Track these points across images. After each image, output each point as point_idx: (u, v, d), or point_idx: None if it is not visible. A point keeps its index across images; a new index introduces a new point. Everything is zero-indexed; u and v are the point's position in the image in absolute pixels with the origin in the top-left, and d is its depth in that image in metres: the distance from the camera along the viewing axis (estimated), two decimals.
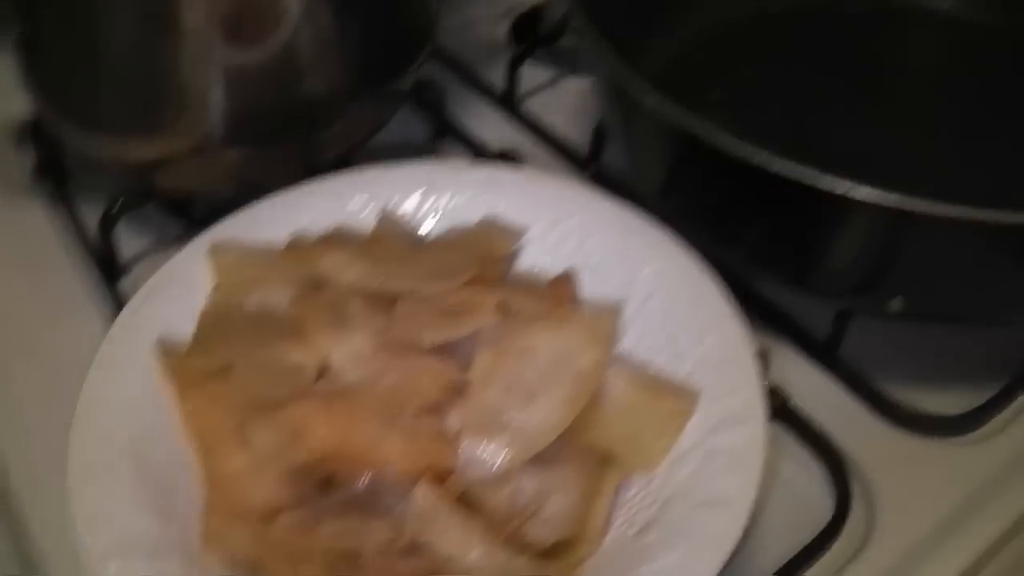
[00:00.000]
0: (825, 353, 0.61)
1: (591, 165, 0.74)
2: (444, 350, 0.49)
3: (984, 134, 0.72)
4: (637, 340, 0.53)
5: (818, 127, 0.70)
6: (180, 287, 0.53)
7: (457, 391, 0.48)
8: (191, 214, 0.68)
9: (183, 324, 0.52)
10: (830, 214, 0.52)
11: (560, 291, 0.53)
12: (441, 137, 0.78)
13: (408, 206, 0.58)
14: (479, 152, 0.75)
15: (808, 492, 0.54)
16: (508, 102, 0.80)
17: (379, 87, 0.69)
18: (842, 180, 0.48)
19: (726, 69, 0.77)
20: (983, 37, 0.80)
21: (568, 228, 0.57)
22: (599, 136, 0.72)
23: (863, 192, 0.48)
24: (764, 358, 0.52)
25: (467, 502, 0.45)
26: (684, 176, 0.58)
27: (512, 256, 0.57)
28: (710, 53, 0.79)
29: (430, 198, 0.58)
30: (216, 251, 0.53)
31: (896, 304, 0.55)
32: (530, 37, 0.85)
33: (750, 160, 0.50)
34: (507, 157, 0.72)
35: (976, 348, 0.61)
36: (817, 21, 0.82)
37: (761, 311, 0.62)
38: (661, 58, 0.75)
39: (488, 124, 0.79)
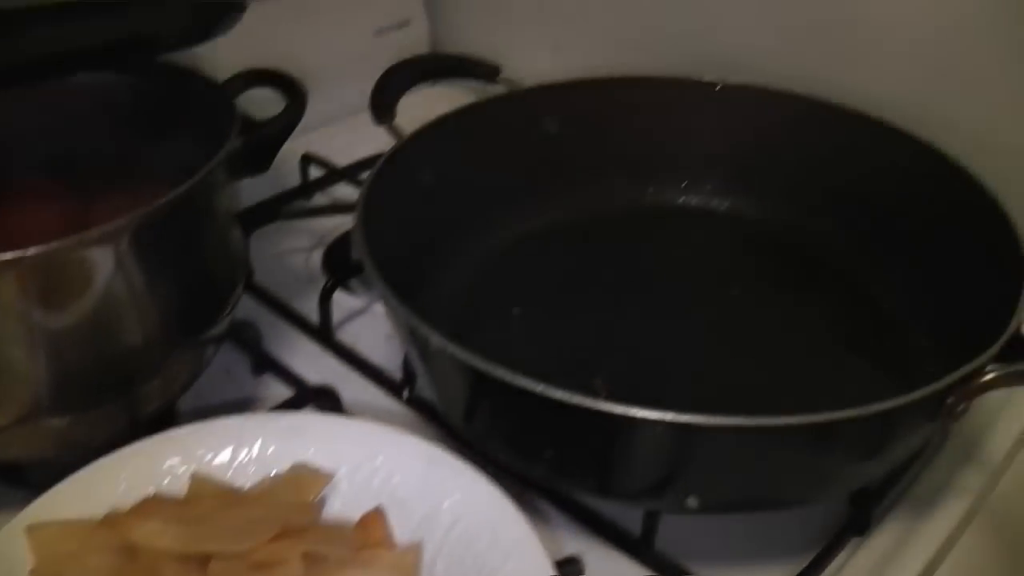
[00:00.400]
0: (641, 548, 0.65)
1: (405, 391, 0.77)
2: None
3: (760, 335, 0.80)
4: (445, 569, 0.57)
5: (611, 333, 0.78)
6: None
7: None
8: (27, 479, 0.68)
9: None
10: (611, 432, 0.57)
11: (368, 531, 0.57)
12: (260, 373, 0.80)
13: (222, 459, 0.61)
14: (298, 385, 0.78)
15: None
16: (323, 333, 0.84)
17: (195, 335, 0.71)
18: (616, 404, 0.53)
19: (526, 281, 0.84)
20: (761, 232, 0.90)
21: (375, 467, 0.61)
22: (409, 363, 0.76)
23: (638, 412, 0.53)
24: (578, 562, 0.58)
25: None
26: (479, 404, 0.63)
27: (321, 501, 0.59)
28: (509, 267, 0.85)
29: (242, 450, 0.61)
30: (33, 530, 0.55)
31: (692, 502, 0.59)
32: (341, 266, 0.88)
33: (532, 390, 0.55)
34: (324, 392, 0.76)
35: (788, 523, 0.67)
36: (609, 227, 0.90)
37: (578, 514, 0.67)
38: (462, 279, 0.82)
39: (306, 356, 0.83)
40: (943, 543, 0.67)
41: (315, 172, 1.03)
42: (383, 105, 0.82)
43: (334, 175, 1.01)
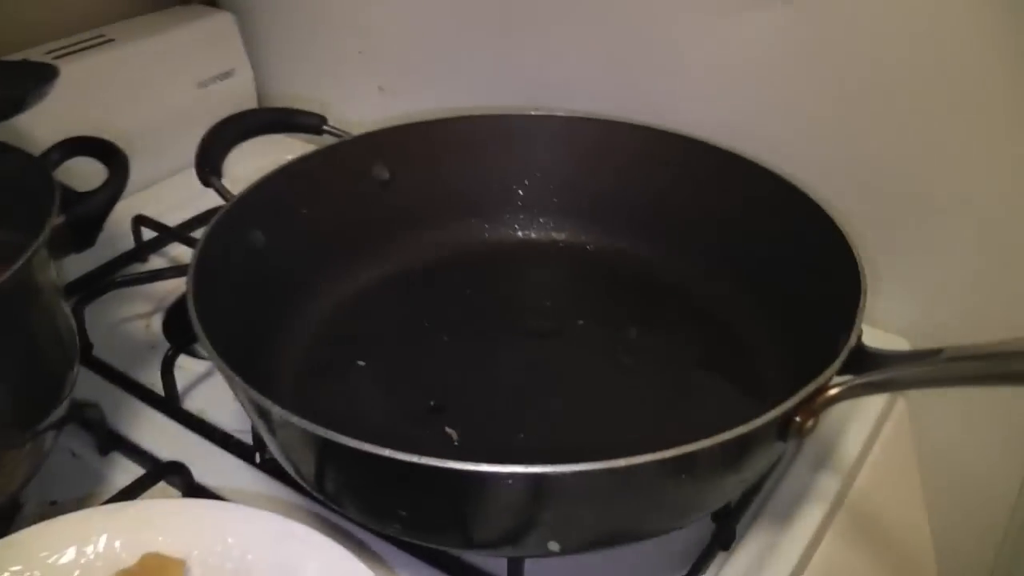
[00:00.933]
0: None
1: (257, 455, 0.76)
2: None
3: (610, 367, 0.81)
4: None
5: (460, 378, 0.79)
6: None
7: None
8: None
9: None
10: (463, 489, 0.57)
11: None
12: (107, 453, 0.78)
13: (67, 559, 0.59)
14: (148, 462, 0.76)
15: None
16: (169, 404, 0.82)
17: (32, 426, 0.68)
18: (465, 462, 0.53)
19: (369, 333, 0.84)
20: (606, 264, 0.91)
21: (227, 547, 0.59)
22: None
23: (487, 468, 0.54)
24: None
25: None
26: (328, 470, 0.62)
27: None
28: (352, 320, 0.85)
29: (88, 547, 0.59)
30: None
31: (554, 546, 0.60)
32: (181, 332, 0.85)
33: (378, 454, 0.55)
34: (174, 467, 0.74)
35: (655, 544, 0.67)
36: (450, 269, 0.91)
37: (442, 564, 0.68)
38: (304, 336, 0.81)
39: (154, 429, 0.80)
40: (806, 547, 0.70)
41: (148, 233, 0.99)
42: (207, 166, 0.81)
43: (167, 236, 0.97)
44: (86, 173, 0.76)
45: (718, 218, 0.85)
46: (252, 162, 0.89)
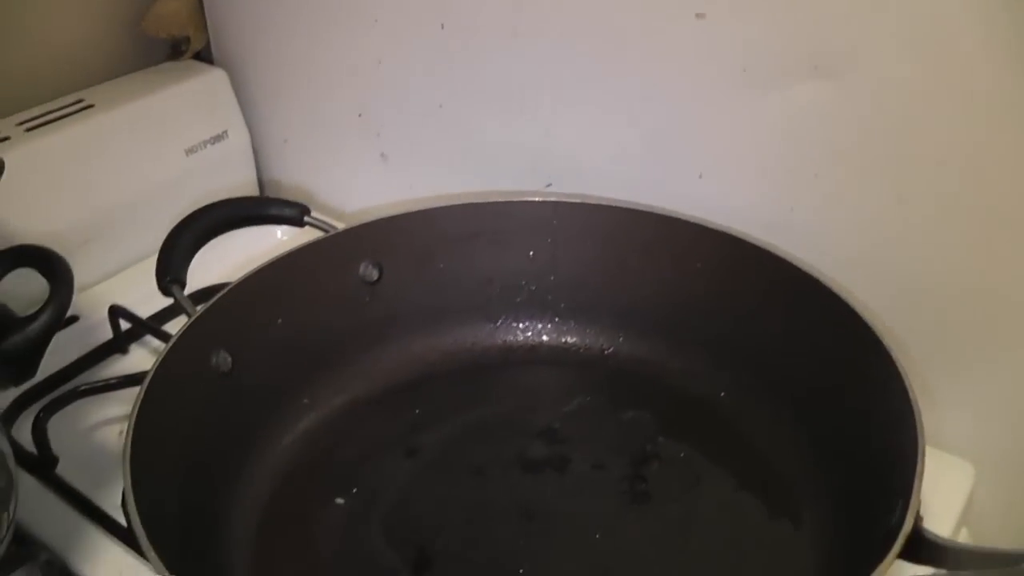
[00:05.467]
0: None
1: None
2: None
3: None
4: None
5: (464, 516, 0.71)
6: None
7: None
8: None
9: None
10: None
11: None
12: None
13: None
14: None
15: None
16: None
17: None
18: None
19: (354, 462, 0.75)
20: (627, 373, 0.82)
21: None
22: None
23: None
24: None
25: None
26: None
27: None
28: (334, 445, 0.77)
29: None
30: None
31: None
32: None
33: None
34: None
35: None
36: (450, 380, 0.82)
37: None
38: (274, 468, 0.74)
39: (117, 570, 0.71)
40: None
41: (126, 324, 0.89)
42: (168, 274, 0.71)
43: (143, 329, 0.88)
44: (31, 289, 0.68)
45: (753, 325, 0.75)
46: (230, 250, 0.82)
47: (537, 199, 0.80)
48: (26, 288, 0.69)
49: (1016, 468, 0.74)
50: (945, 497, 0.71)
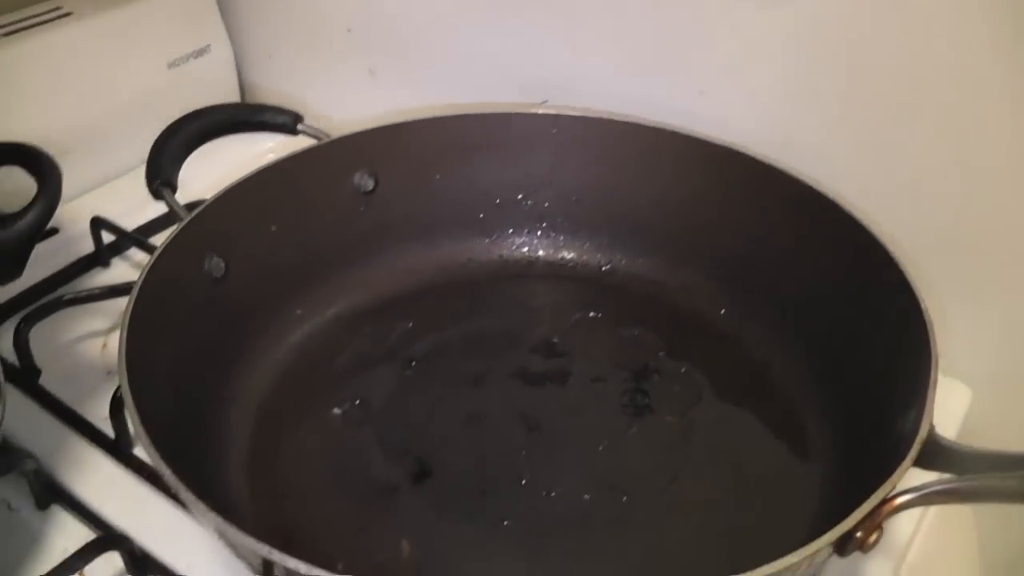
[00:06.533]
0: None
1: None
2: None
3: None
4: None
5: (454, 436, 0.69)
6: None
7: None
8: None
9: None
10: None
11: None
12: (45, 507, 0.68)
13: None
14: (92, 521, 0.66)
15: None
16: (119, 449, 0.71)
17: None
18: None
19: (352, 373, 0.74)
20: (625, 291, 0.81)
21: None
22: None
23: None
24: None
25: None
26: None
27: None
28: (324, 359, 0.75)
29: None
30: None
31: None
32: None
33: None
34: (117, 539, 0.63)
35: None
36: (445, 295, 0.81)
37: None
38: (269, 378, 0.72)
39: (101, 480, 0.70)
40: None
41: (109, 236, 0.86)
42: (158, 176, 0.69)
43: (127, 240, 0.85)
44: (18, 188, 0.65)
45: (756, 243, 0.74)
46: (219, 161, 0.79)
47: (535, 111, 0.78)
48: (11, 187, 0.66)
49: (1009, 390, 0.73)
50: (941, 419, 0.70)
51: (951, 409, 0.73)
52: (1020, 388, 0.73)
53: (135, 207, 0.88)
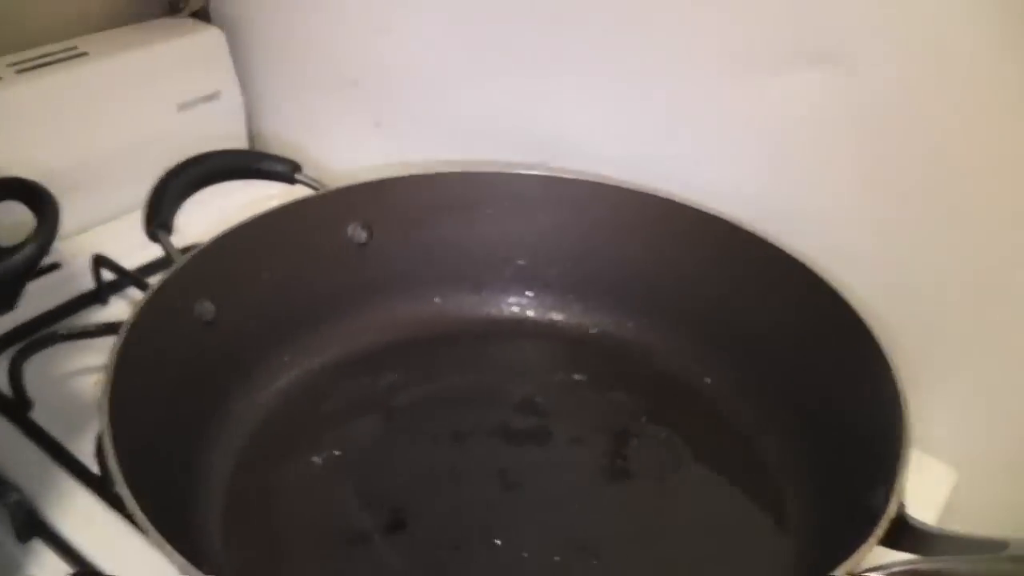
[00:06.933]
0: None
1: None
2: None
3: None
4: None
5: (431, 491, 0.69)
6: None
7: None
8: None
9: None
10: None
11: None
12: (26, 540, 0.68)
13: None
14: (72, 558, 0.66)
15: None
16: (104, 487, 0.71)
17: None
18: None
19: (333, 422, 0.74)
20: (612, 354, 0.81)
21: None
22: None
23: None
24: None
25: None
26: None
27: None
28: (308, 408, 0.75)
29: None
30: None
31: None
32: None
33: None
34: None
35: None
36: (431, 349, 0.81)
37: None
38: (252, 422, 0.72)
39: (84, 516, 0.70)
40: None
41: (109, 275, 0.87)
42: (156, 219, 0.70)
43: (126, 280, 0.86)
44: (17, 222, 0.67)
45: (745, 315, 0.75)
46: (221, 206, 0.79)
47: (533, 172, 0.79)
48: (10, 221, 0.67)
49: (996, 473, 0.73)
50: (925, 499, 0.71)
51: (933, 490, 0.72)
52: (1006, 472, 0.73)
53: (138, 246, 0.88)
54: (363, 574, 0.61)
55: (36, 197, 0.66)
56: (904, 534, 0.51)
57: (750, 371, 0.73)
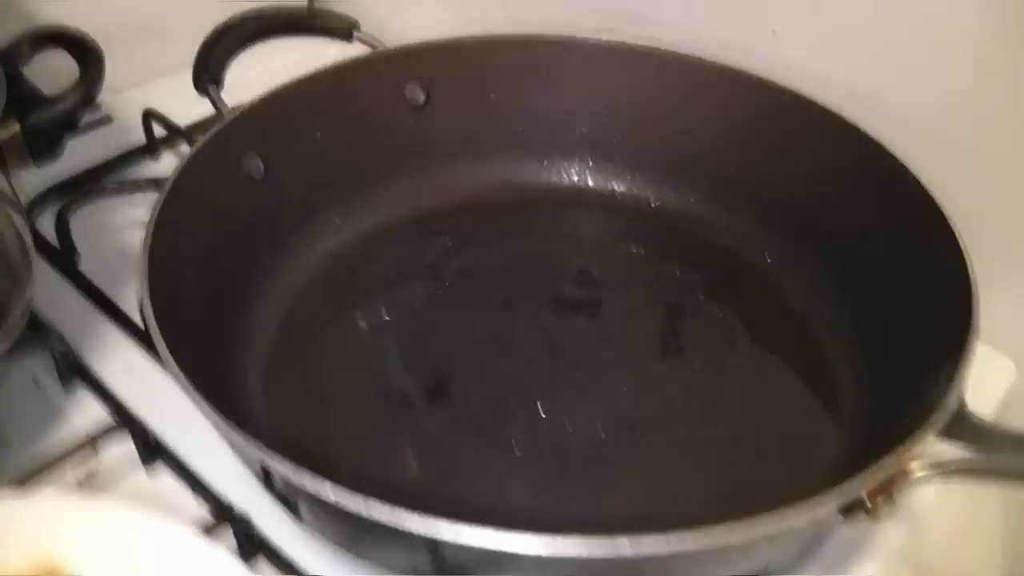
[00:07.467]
0: None
1: None
2: None
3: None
4: None
5: (472, 356, 0.68)
6: None
7: None
8: None
9: None
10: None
11: None
12: (69, 386, 0.68)
13: None
14: (112, 404, 0.66)
15: None
16: (148, 337, 0.68)
17: None
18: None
19: (382, 283, 0.73)
20: (671, 226, 0.78)
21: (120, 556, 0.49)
22: None
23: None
24: None
25: None
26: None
27: None
28: (355, 270, 0.74)
29: None
30: None
31: None
32: None
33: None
34: (134, 426, 0.63)
35: None
36: (486, 215, 0.79)
37: None
38: (298, 283, 0.71)
39: (126, 365, 0.70)
40: None
41: (161, 130, 0.86)
42: (205, 73, 0.68)
43: (177, 135, 0.85)
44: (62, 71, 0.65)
45: (810, 193, 0.71)
46: (276, 67, 0.75)
47: (596, 39, 0.75)
48: (55, 71, 0.66)
49: None
50: (982, 391, 0.68)
51: (992, 384, 0.69)
52: None
53: (191, 102, 0.86)
54: (404, 439, 0.59)
55: (79, 46, 0.64)
56: (962, 427, 0.49)
57: (813, 251, 0.70)
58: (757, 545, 0.46)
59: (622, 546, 0.41)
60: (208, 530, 0.56)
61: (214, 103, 0.69)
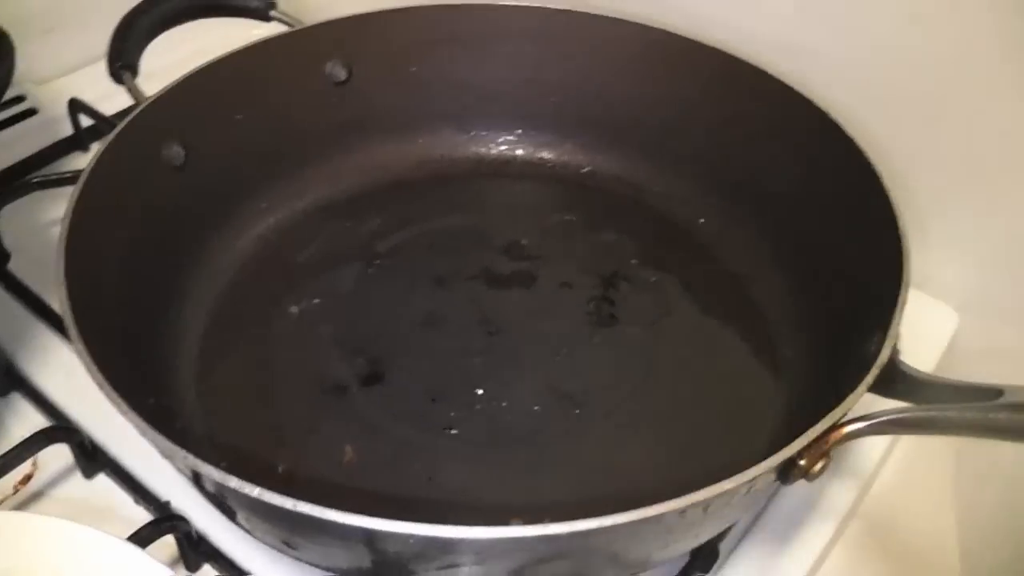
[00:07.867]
0: None
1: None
2: None
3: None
4: None
5: (407, 339, 0.67)
6: None
7: None
8: None
9: None
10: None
11: None
12: (4, 394, 0.67)
13: None
14: (48, 411, 0.66)
15: None
16: None
17: None
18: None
19: (310, 270, 0.72)
20: (603, 192, 0.78)
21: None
22: None
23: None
24: None
25: None
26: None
27: None
28: (284, 256, 0.73)
29: None
30: None
31: None
32: None
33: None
34: (68, 432, 0.62)
35: None
36: (415, 190, 0.78)
37: None
38: (226, 273, 0.70)
39: (62, 370, 0.69)
40: (811, 565, 0.58)
41: (88, 120, 0.84)
42: (119, 60, 0.66)
43: (104, 125, 0.83)
44: None
45: (741, 152, 0.71)
46: (192, 50, 0.74)
47: (520, 3, 0.73)
48: None
49: (999, 315, 0.70)
50: (925, 341, 0.68)
51: (934, 333, 0.69)
52: (1011, 315, 0.69)
53: (118, 91, 0.84)
54: (340, 426, 0.58)
55: None
56: (897, 381, 0.49)
57: (746, 212, 0.70)
58: (695, 516, 0.45)
59: (550, 528, 0.40)
60: (148, 534, 0.54)
61: (131, 91, 0.66)
